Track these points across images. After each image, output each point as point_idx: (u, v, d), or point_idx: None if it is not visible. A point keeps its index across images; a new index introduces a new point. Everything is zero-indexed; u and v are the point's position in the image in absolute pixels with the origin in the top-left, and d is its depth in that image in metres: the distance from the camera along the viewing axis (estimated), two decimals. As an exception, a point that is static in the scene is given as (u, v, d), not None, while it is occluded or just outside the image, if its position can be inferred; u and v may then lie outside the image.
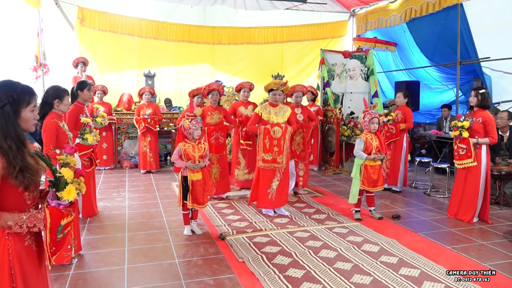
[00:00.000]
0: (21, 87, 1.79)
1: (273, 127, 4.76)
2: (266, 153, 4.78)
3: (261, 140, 4.78)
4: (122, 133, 8.50)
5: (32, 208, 1.79)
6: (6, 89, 1.74)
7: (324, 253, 3.76)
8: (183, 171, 4.16)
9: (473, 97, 4.73)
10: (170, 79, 9.61)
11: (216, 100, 5.65)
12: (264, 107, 4.95)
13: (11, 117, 1.71)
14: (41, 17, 7.73)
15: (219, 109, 5.72)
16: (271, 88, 4.97)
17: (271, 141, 4.74)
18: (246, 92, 6.15)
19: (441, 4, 7.02)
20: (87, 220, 4.70)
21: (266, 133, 4.77)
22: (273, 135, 4.75)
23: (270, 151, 4.76)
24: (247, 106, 6.11)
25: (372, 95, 8.63)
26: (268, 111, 4.91)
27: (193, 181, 4.08)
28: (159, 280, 3.25)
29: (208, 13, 10.02)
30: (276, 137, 4.74)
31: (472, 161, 4.69)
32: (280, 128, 4.76)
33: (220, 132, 5.60)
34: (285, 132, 4.78)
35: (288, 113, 4.91)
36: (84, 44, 8.70)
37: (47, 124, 3.64)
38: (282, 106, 4.97)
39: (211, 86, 5.64)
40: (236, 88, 6.36)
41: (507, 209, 5.36)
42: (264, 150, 4.79)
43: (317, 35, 10.50)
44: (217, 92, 5.62)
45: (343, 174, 7.66)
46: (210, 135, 5.53)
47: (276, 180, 4.84)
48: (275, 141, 4.74)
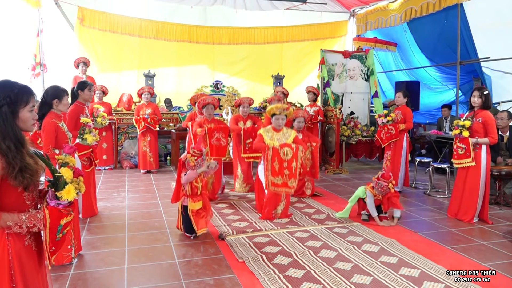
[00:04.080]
0: (19, 87, 1.78)
1: (283, 148, 4.42)
2: (275, 176, 4.43)
3: (270, 162, 4.42)
4: (122, 133, 8.50)
5: (32, 208, 1.79)
6: (4, 89, 1.73)
7: (324, 253, 3.76)
8: (183, 200, 4.13)
9: (477, 98, 4.65)
10: (170, 79, 9.61)
11: (211, 114, 5.64)
12: (267, 131, 4.68)
13: (9, 118, 1.71)
14: (41, 17, 7.73)
15: (215, 122, 5.72)
16: (273, 112, 4.68)
17: (280, 164, 4.38)
18: (245, 107, 5.97)
19: (441, 4, 7.01)
20: (87, 220, 4.70)
21: (275, 154, 4.40)
22: (283, 156, 4.40)
23: (280, 174, 4.41)
24: (246, 121, 6.03)
25: (372, 95, 8.64)
26: (270, 136, 4.63)
27: (193, 210, 4.06)
28: (159, 280, 3.24)
29: (208, 13, 10.01)
30: (286, 158, 4.39)
31: (470, 161, 4.68)
32: (291, 149, 4.42)
33: (222, 133, 5.50)
34: (296, 153, 4.43)
35: (291, 138, 4.64)
36: (84, 44, 8.69)
37: (46, 124, 3.64)
38: (285, 131, 4.71)
39: (206, 100, 5.56)
40: (235, 103, 6.29)
41: (507, 209, 5.35)
42: (273, 173, 4.43)
43: (317, 35, 10.49)
44: (212, 106, 5.60)
45: (343, 174, 7.66)
46: (211, 136, 5.45)
47: (281, 205, 4.72)
48: (285, 163, 4.39)
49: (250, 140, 5.71)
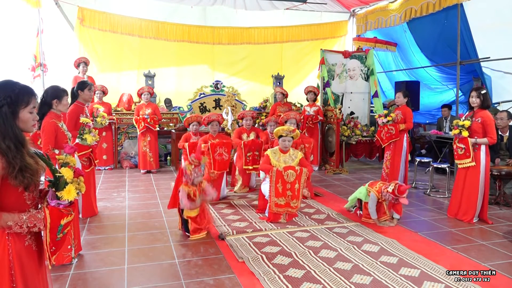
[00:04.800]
0: (20, 87, 1.78)
1: (287, 170, 4.51)
2: (278, 197, 4.52)
3: (273, 183, 4.50)
4: (122, 133, 8.50)
5: (32, 208, 1.79)
6: (4, 89, 1.73)
7: (324, 253, 3.76)
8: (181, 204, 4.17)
9: (476, 98, 4.68)
10: (170, 79, 9.61)
11: (216, 130, 5.78)
12: (274, 152, 4.74)
13: (9, 118, 1.71)
14: (41, 17, 7.72)
15: (220, 137, 5.76)
16: (280, 134, 4.75)
17: (284, 185, 4.46)
18: (248, 120, 6.13)
19: (441, 4, 7.01)
20: (87, 220, 4.70)
21: (278, 177, 4.48)
22: (287, 178, 4.49)
23: (283, 195, 4.51)
24: (249, 134, 6.12)
25: (372, 95, 8.64)
26: (277, 158, 4.71)
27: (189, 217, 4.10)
28: (159, 280, 3.24)
29: (208, 13, 10.01)
30: (289, 181, 4.47)
31: (470, 161, 4.69)
32: (294, 172, 4.50)
33: (224, 148, 5.53)
34: (300, 175, 4.52)
35: (297, 160, 4.71)
36: (84, 44, 8.69)
37: (45, 125, 3.64)
38: (292, 153, 4.78)
39: (210, 117, 5.73)
40: (238, 116, 6.35)
41: (507, 209, 5.35)
42: (276, 194, 4.51)
43: (317, 35, 10.49)
44: (217, 123, 5.71)
45: (343, 174, 7.66)
46: (214, 151, 5.48)
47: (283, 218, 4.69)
48: (288, 185, 4.48)
49: (250, 153, 5.80)
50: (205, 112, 8.90)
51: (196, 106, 8.87)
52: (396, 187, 4.37)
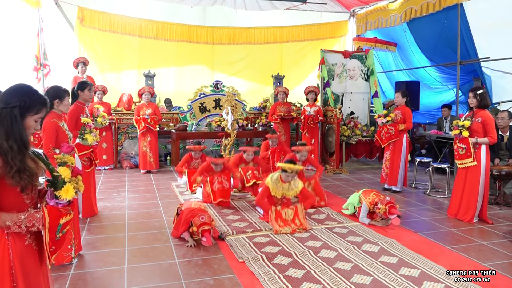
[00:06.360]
0: (37, 96, 1.82)
1: (284, 209, 4.55)
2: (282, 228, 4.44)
3: (273, 221, 4.49)
4: (122, 133, 8.50)
5: (31, 208, 1.79)
6: (21, 92, 1.78)
7: (324, 253, 3.76)
8: None
9: (472, 99, 4.73)
10: (170, 79, 9.60)
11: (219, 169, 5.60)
12: (275, 184, 4.65)
13: (18, 120, 1.74)
14: (41, 17, 7.72)
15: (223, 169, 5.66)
16: (285, 169, 4.64)
17: (285, 222, 4.48)
18: (249, 155, 6.00)
19: (441, 4, 7.01)
20: (87, 220, 4.70)
21: (277, 216, 4.53)
22: (285, 217, 4.53)
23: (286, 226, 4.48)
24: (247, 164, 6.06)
25: (372, 95, 8.64)
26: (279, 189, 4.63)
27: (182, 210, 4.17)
28: (159, 280, 3.24)
29: (208, 13, 10.01)
30: (288, 219, 4.51)
31: (471, 160, 4.70)
32: (291, 210, 4.56)
33: (224, 176, 5.43)
34: (297, 212, 4.57)
35: (299, 188, 4.69)
36: (84, 44, 8.69)
37: (46, 124, 3.64)
38: (293, 184, 4.71)
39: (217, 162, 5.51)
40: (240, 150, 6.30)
41: (507, 209, 5.35)
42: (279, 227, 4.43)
43: (317, 35, 10.48)
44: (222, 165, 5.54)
45: (343, 174, 7.66)
46: (212, 182, 5.38)
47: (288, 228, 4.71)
48: (288, 221, 4.50)
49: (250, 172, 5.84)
50: (205, 112, 8.91)
51: (196, 106, 8.87)
52: (387, 209, 4.38)
